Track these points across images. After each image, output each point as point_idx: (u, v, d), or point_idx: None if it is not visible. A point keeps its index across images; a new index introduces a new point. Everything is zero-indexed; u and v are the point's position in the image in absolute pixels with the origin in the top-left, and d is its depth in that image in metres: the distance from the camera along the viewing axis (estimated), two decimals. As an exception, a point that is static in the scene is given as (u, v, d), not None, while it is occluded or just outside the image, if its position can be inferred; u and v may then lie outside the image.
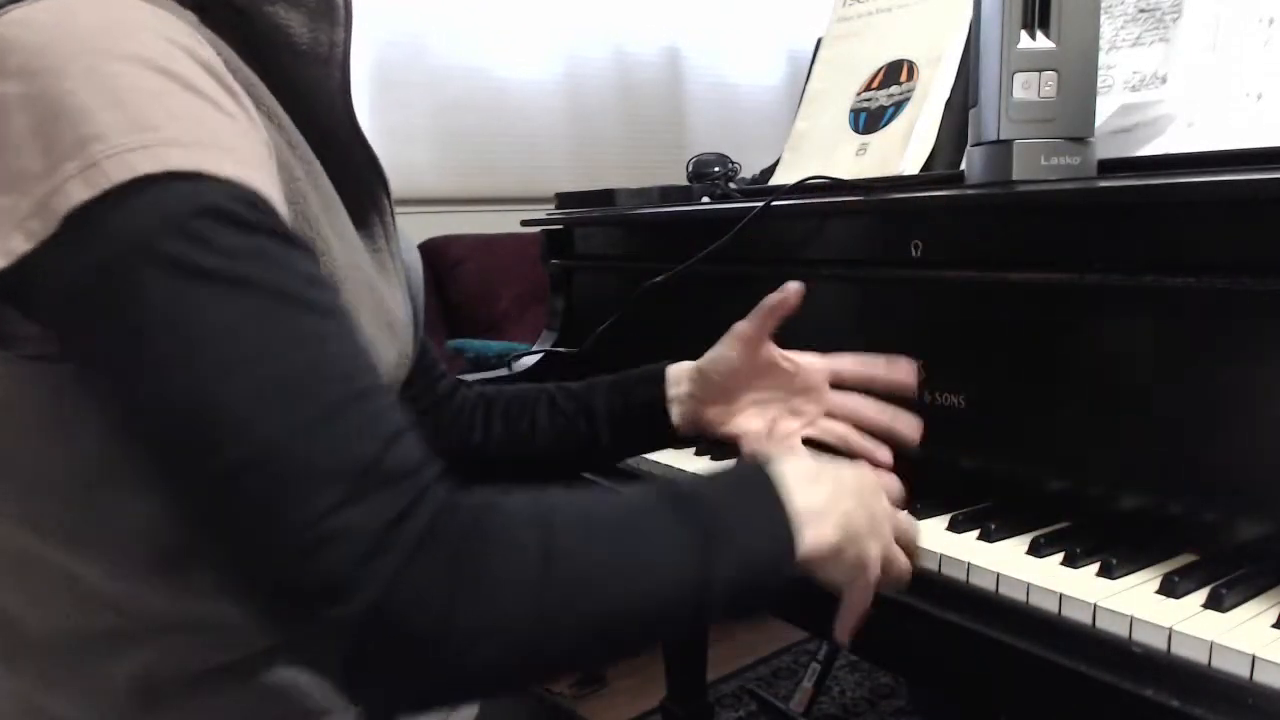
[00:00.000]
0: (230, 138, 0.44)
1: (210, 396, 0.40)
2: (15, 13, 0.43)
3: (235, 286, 0.41)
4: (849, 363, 0.76)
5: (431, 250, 2.42)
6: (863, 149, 1.01)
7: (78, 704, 0.51)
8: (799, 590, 0.56)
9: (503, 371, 1.28)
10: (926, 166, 0.94)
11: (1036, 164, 0.73)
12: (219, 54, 0.49)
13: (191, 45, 0.45)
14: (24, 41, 0.42)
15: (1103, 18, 0.79)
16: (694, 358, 1.08)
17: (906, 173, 0.94)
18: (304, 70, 0.56)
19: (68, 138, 0.40)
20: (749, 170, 1.29)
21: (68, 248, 0.41)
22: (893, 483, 0.64)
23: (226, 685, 0.52)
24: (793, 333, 0.95)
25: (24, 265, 0.41)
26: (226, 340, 0.40)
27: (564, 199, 1.30)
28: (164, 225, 0.40)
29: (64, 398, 0.46)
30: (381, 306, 0.60)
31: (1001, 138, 0.74)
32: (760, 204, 0.92)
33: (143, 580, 0.50)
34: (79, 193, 0.40)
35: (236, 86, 0.47)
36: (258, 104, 0.51)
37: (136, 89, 0.42)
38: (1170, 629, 0.53)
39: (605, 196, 1.23)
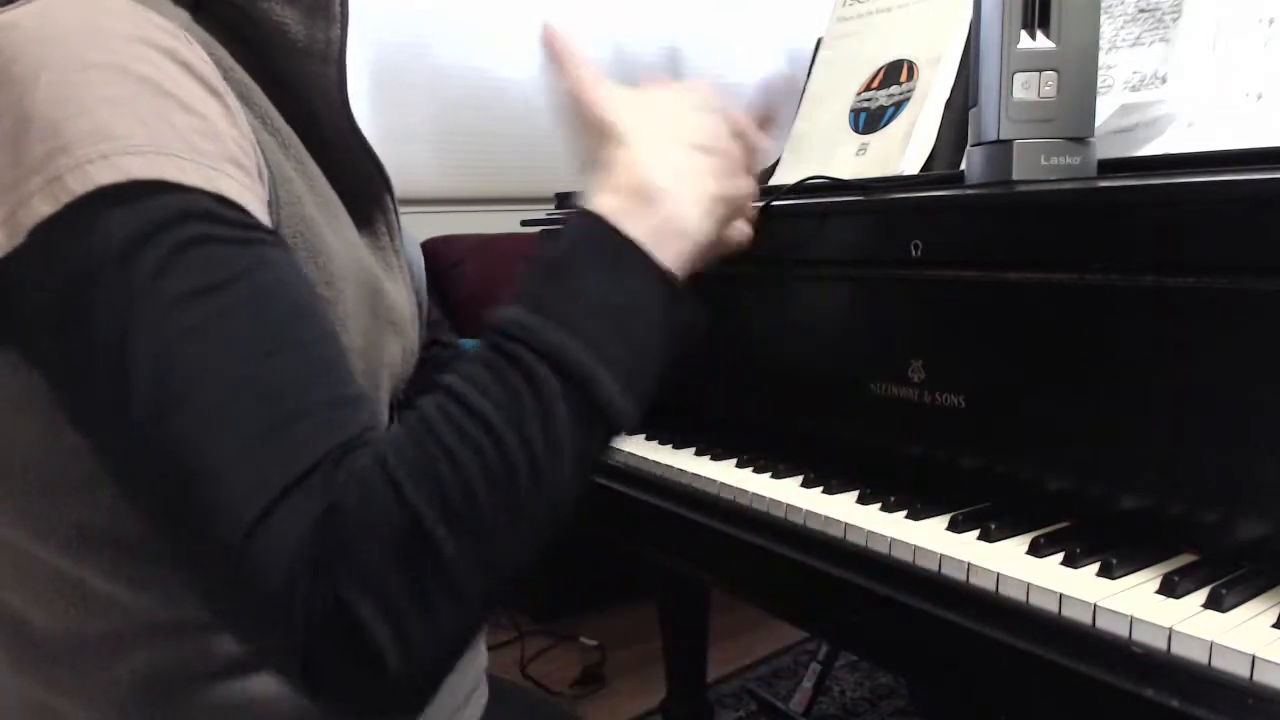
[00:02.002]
0: (200, 139, 0.43)
1: (165, 405, 0.40)
2: (2, 16, 0.43)
3: (191, 297, 0.41)
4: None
5: (431, 250, 2.42)
6: (863, 149, 1.01)
7: (84, 704, 0.51)
8: (800, 588, 0.56)
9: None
10: (926, 166, 0.94)
11: (1036, 164, 0.73)
12: (211, 53, 0.49)
13: (171, 45, 0.45)
14: (4, 47, 0.42)
15: (1103, 18, 0.79)
16: (694, 357, 1.08)
17: (906, 173, 0.94)
18: (301, 68, 0.56)
19: (36, 151, 0.41)
20: (749, 170, 1.28)
21: (34, 262, 0.41)
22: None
23: (232, 685, 0.52)
24: (793, 332, 0.95)
25: None
26: (179, 351, 0.40)
27: (564, 199, 1.30)
28: (125, 239, 0.40)
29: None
30: (384, 305, 0.60)
31: (1001, 138, 0.74)
32: (760, 204, 0.92)
33: (140, 582, 0.49)
34: (42, 207, 0.40)
35: (221, 85, 0.47)
36: (250, 106, 0.51)
37: (101, 97, 0.41)
38: (1170, 629, 0.53)
39: (605, 196, 1.23)
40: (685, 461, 0.90)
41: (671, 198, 0.50)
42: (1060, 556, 0.63)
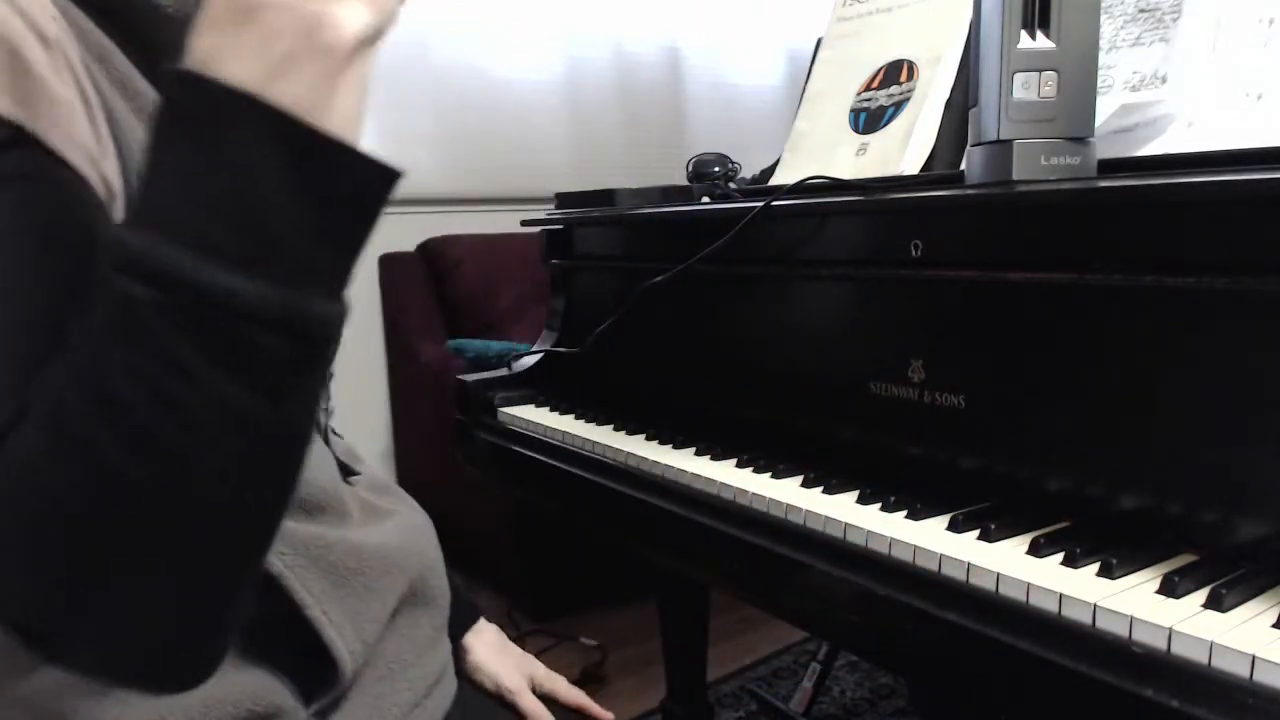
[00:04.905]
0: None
1: None
2: None
3: None
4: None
5: (431, 250, 2.42)
6: (863, 149, 1.01)
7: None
8: (800, 588, 0.56)
9: (503, 372, 1.28)
10: (926, 166, 0.94)
11: (1036, 164, 0.73)
12: (65, 14, 0.49)
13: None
14: None
15: (1103, 18, 0.79)
16: (694, 358, 1.08)
17: (906, 173, 0.94)
18: (168, 34, 0.54)
19: None
20: (749, 170, 1.29)
21: None
22: None
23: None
24: (793, 332, 0.95)
25: None
26: None
27: (564, 199, 1.30)
28: None
29: None
30: None
31: (1001, 138, 0.74)
32: (760, 204, 0.92)
33: None
34: None
35: (53, 31, 0.46)
36: (107, 69, 0.51)
37: None
38: (1170, 629, 0.53)
39: (605, 196, 1.23)
40: (685, 461, 0.90)
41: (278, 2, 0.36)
42: (1060, 556, 0.63)
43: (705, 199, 1.18)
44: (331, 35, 0.36)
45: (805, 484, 0.81)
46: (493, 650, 0.84)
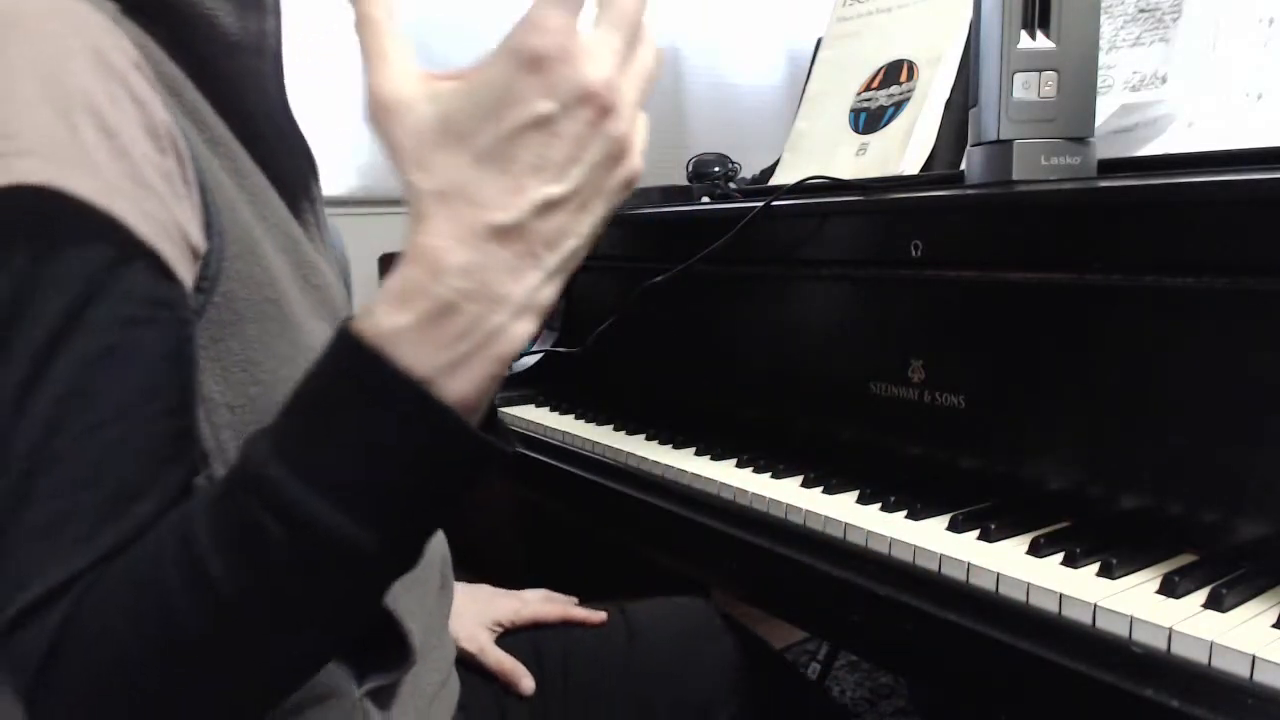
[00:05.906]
0: (105, 157, 0.42)
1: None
2: None
3: (26, 318, 0.40)
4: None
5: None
6: (863, 149, 1.01)
7: None
8: (800, 588, 0.56)
9: (502, 371, 1.28)
10: (926, 166, 0.94)
11: (1036, 164, 0.74)
12: (141, 46, 0.48)
13: (99, 44, 0.44)
14: None
15: (1103, 18, 0.79)
16: (694, 358, 1.08)
17: (906, 173, 0.94)
18: (235, 61, 0.55)
19: None
20: (749, 170, 1.29)
21: None
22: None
23: None
24: (793, 332, 0.96)
25: None
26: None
27: (564, 199, 1.30)
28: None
29: None
30: (319, 289, 0.59)
31: (1001, 138, 0.74)
32: (760, 204, 0.92)
33: None
34: None
35: (144, 93, 0.45)
36: (180, 100, 0.51)
37: (11, 95, 0.41)
38: (1170, 629, 0.53)
39: (605, 196, 1.23)
40: (685, 461, 0.90)
41: (478, 306, 0.38)
42: (1060, 556, 0.63)
43: (705, 199, 1.18)
44: (506, 347, 0.39)
45: (805, 484, 0.81)
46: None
